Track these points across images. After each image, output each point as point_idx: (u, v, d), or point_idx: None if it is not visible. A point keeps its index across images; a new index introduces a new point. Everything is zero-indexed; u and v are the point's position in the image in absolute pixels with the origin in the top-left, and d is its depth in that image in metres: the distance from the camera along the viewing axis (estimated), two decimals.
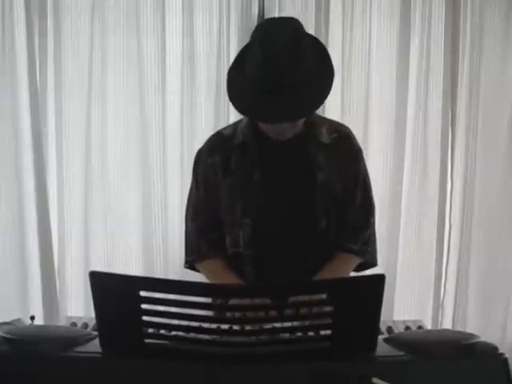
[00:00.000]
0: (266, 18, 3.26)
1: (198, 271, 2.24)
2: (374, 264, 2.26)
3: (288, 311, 1.66)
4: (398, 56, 3.33)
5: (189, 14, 3.27)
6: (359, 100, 3.34)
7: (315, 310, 1.66)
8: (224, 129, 2.24)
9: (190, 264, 2.24)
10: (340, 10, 3.31)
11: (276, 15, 3.26)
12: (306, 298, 1.69)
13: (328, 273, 2.07)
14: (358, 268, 2.23)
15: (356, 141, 2.20)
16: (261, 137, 2.09)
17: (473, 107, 3.37)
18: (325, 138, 2.12)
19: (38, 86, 3.24)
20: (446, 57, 3.33)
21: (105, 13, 3.24)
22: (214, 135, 2.22)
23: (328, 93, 1.96)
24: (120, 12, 3.26)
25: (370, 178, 2.23)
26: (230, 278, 2.10)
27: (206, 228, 2.17)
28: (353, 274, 2.24)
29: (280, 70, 1.87)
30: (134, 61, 3.27)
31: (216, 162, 2.12)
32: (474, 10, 3.33)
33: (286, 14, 3.24)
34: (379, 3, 3.32)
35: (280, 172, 2.10)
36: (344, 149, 2.14)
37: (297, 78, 1.89)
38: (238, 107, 1.97)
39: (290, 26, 1.94)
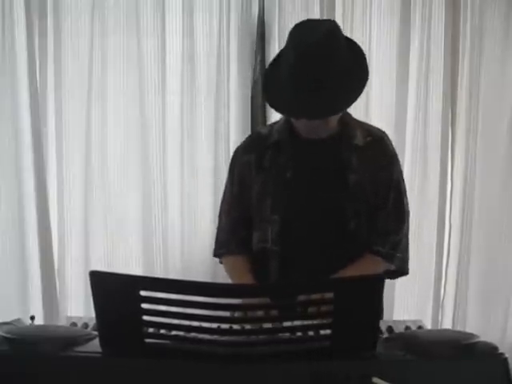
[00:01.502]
0: (265, 18, 3.27)
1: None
2: (404, 272, 2.26)
3: (288, 311, 1.66)
4: (397, 57, 3.33)
5: (189, 14, 3.27)
6: (359, 101, 3.29)
7: (315, 309, 1.66)
8: (262, 128, 2.33)
9: (218, 256, 2.29)
10: (340, 10, 3.31)
11: (276, 15, 3.27)
12: (306, 297, 1.69)
13: (350, 272, 2.06)
14: (390, 275, 2.22)
15: (391, 145, 2.20)
16: (295, 136, 2.11)
17: (473, 109, 3.37)
18: (359, 140, 2.13)
19: (38, 86, 3.25)
20: (445, 58, 3.33)
21: (105, 13, 3.25)
22: (251, 134, 2.31)
23: (360, 92, 1.98)
24: (120, 12, 3.26)
25: None
26: (248, 279, 2.11)
27: (237, 225, 2.20)
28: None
29: (314, 65, 1.90)
30: (133, 61, 3.28)
31: (251, 160, 2.16)
32: (473, 11, 3.33)
33: (286, 14, 3.26)
34: (379, 4, 3.32)
35: (312, 171, 2.11)
36: (378, 152, 2.14)
37: (330, 73, 1.92)
38: (274, 105, 2.03)
39: (325, 26, 1.98)
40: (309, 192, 2.10)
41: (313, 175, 2.11)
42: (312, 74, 1.91)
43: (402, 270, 2.25)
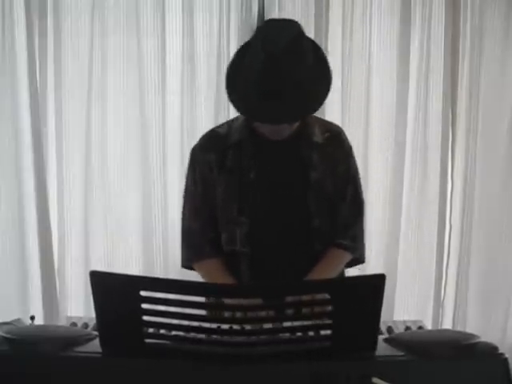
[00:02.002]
0: (266, 18, 3.27)
1: (193, 270, 2.23)
2: (362, 260, 2.29)
3: (288, 311, 1.66)
4: (398, 57, 3.33)
5: (189, 14, 3.27)
6: (359, 101, 3.34)
7: (315, 309, 1.66)
8: (218, 127, 2.25)
9: (189, 263, 2.23)
10: (340, 10, 3.31)
11: (276, 15, 3.26)
12: (306, 297, 1.70)
13: (321, 269, 2.10)
14: (348, 264, 2.26)
15: (347, 140, 2.24)
16: (256, 136, 2.11)
17: (473, 109, 3.37)
18: (318, 137, 2.15)
19: (38, 86, 3.24)
20: (445, 58, 3.33)
21: (105, 13, 3.24)
22: (208, 133, 2.23)
23: (327, 94, 1.99)
24: (120, 12, 3.26)
25: (371, 177, 2.24)
26: (227, 280, 2.10)
27: (207, 227, 2.17)
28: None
29: (282, 71, 1.88)
30: (134, 61, 3.27)
31: (211, 160, 2.14)
32: (474, 11, 3.33)
33: (285, 14, 3.24)
34: (379, 4, 3.32)
35: (275, 171, 2.12)
36: (336, 148, 2.18)
37: (298, 79, 1.91)
38: (239, 108, 1.99)
39: (292, 27, 1.97)
40: (273, 192, 2.11)
41: (276, 175, 2.12)
42: (280, 80, 1.89)
43: (360, 259, 2.28)
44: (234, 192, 2.11)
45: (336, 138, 2.19)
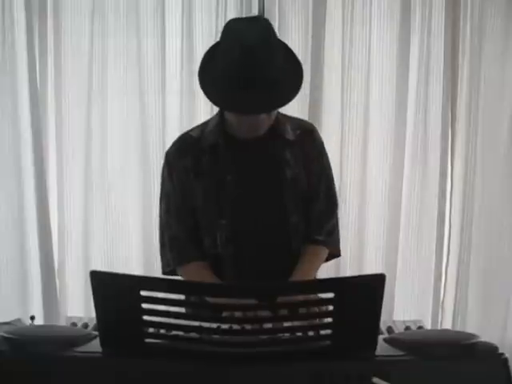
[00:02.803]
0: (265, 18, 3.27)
1: (175, 275, 2.23)
2: (338, 254, 2.33)
3: (288, 311, 1.66)
4: (397, 57, 3.32)
5: (188, 15, 3.27)
6: (359, 100, 3.33)
7: (315, 309, 1.66)
8: (190, 131, 2.25)
9: (174, 267, 2.22)
10: (340, 10, 3.31)
11: (276, 15, 3.26)
12: (306, 297, 1.70)
13: (304, 268, 2.13)
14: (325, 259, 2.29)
15: (319, 136, 2.27)
16: (230, 138, 2.12)
17: (473, 109, 3.37)
18: (290, 134, 2.17)
19: (38, 85, 3.24)
20: (445, 57, 3.32)
21: (105, 13, 3.24)
22: (181, 137, 2.23)
23: (299, 87, 2.01)
24: (120, 12, 3.25)
25: (371, 177, 2.25)
26: (214, 281, 2.11)
27: (190, 230, 2.18)
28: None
29: (258, 60, 1.91)
30: (133, 61, 3.27)
31: (188, 164, 2.14)
32: (473, 11, 3.32)
33: (286, 14, 3.25)
34: (379, 4, 3.32)
35: (251, 171, 2.14)
36: (308, 144, 2.20)
37: (271, 72, 1.94)
38: (212, 99, 2.02)
39: (261, 23, 2.02)
40: (251, 192, 2.12)
41: (252, 175, 2.14)
42: (256, 69, 1.91)
43: (337, 254, 2.33)
44: (212, 195, 2.12)
45: (307, 135, 2.22)
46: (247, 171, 2.13)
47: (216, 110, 2.27)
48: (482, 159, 3.39)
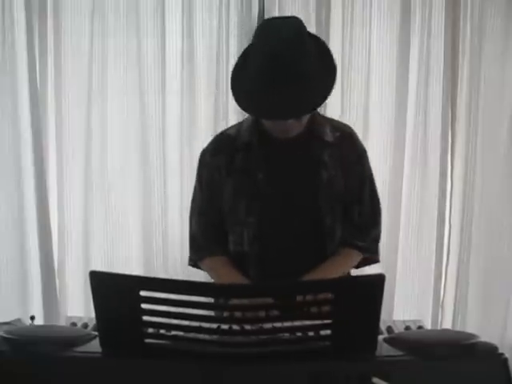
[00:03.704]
0: (266, 17, 3.27)
1: (200, 269, 2.26)
2: (378, 260, 2.30)
3: (288, 311, 1.66)
4: (397, 57, 3.33)
5: (189, 14, 3.27)
6: (359, 100, 3.34)
7: (315, 309, 1.66)
8: (228, 129, 2.26)
9: (195, 262, 2.26)
10: (340, 10, 3.31)
11: (276, 15, 3.26)
12: (306, 297, 1.69)
13: (330, 266, 2.09)
14: (362, 263, 2.26)
15: (359, 141, 2.23)
16: (265, 136, 2.10)
17: (473, 109, 3.37)
18: (328, 136, 2.14)
19: (38, 85, 3.24)
20: (445, 58, 3.33)
21: (105, 13, 3.24)
22: (218, 135, 2.24)
23: (331, 90, 1.97)
24: (120, 12, 3.25)
25: None
26: (234, 276, 2.10)
27: (212, 228, 2.18)
28: (355, 269, 2.28)
29: (284, 64, 1.89)
30: (133, 61, 3.27)
31: (220, 162, 2.14)
32: (473, 11, 3.32)
33: (285, 14, 3.24)
34: (379, 4, 3.32)
35: (284, 171, 2.12)
36: (348, 148, 2.16)
37: (300, 73, 1.91)
38: (241, 105, 1.99)
39: (293, 23, 1.98)
40: (283, 192, 2.10)
41: (286, 174, 2.12)
42: (283, 72, 1.89)
43: (377, 259, 2.30)
44: (242, 193, 2.11)
45: (347, 139, 2.18)
46: (279, 170, 2.11)
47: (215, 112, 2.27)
48: (482, 159, 3.39)
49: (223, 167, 2.13)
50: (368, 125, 3.34)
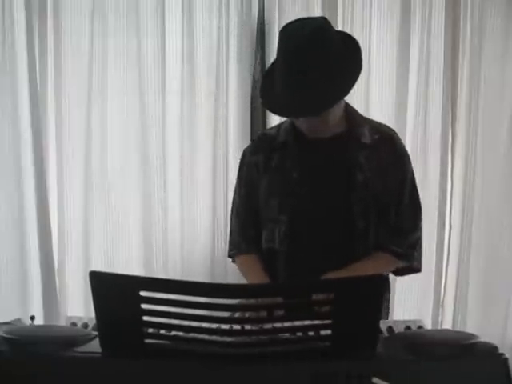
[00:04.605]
0: (266, 18, 3.28)
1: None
2: (419, 269, 2.22)
3: (288, 311, 1.66)
4: (397, 57, 3.33)
5: (189, 14, 3.27)
6: (359, 100, 3.32)
7: (315, 309, 1.66)
8: (270, 129, 2.33)
9: (230, 257, 2.32)
10: (340, 10, 3.31)
11: (276, 15, 3.27)
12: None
13: (357, 267, 2.04)
14: (402, 272, 2.22)
15: (401, 144, 2.19)
16: (301, 136, 2.12)
17: (473, 108, 3.37)
18: (366, 138, 2.12)
19: (38, 86, 3.24)
20: (445, 58, 3.33)
21: (105, 13, 3.24)
22: (259, 135, 2.33)
23: (352, 86, 1.98)
24: (120, 12, 3.26)
25: None
26: (261, 276, 2.12)
27: (245, 226, 2.22)
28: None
29: (296, 64, 1.91)
30: (133, 61, 3.27)
31: (259, 161, 2.18)
32: (473, 11, 3.33)
33: (286, 14, 3.26)
34: (379, 4, 3.32)
35: (318, 171, 2.12)
36: (386, 150, 2.12)
37: (315, 71, 1.92)
38: (266, 105, 2.09)
39: (316, 21, 2.01)
40: (316, 192, 2.10)
41: (320, 175, 2.11)
42: (298, 70, 1.91)
43: (416, 267, 2.20)
44: (276, 190, 2.13)
45: (387, 141, 2.14)
46: (313, 170, 2.11)
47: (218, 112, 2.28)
48: (482, 159, 3.39)
49: (261, 165, 2.17)
50: None
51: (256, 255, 2.20)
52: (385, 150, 2.12)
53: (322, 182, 2.11)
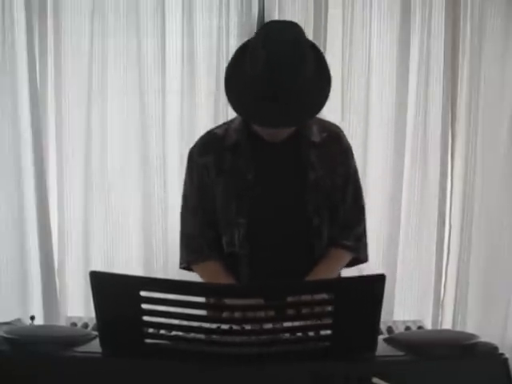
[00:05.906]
0: (266, 18, 3.27)
1: (192, 271, 2.23)
2: (366, 259, 2.27)
3: (288, 311, 1.66)
4: (397, 57, 3.33)
5: (189, 14, 3.27)
6: (359, 101, 3.34)
7: (315, 309, 1.66)
8: (216, 128, 2.24)
9: (188, 264, 2.23)
10: (340, 10, 3.31)
11: (276, 15, 3.26)
12: (306, 297, 1.69)
13: (322, 270, 2.10)
14: (350, 263, 2.25)
15: (346, 140, 2.23)
16: (254, 137, 2.10)
17: (473, 108, 3.37)
18: (316, 136, 2.14)
19: (38, 86, 3.24)
20: (446, 58, 3.33)
21: (105, 13, 3.24)
22: (205, 135, 2.22)
23: (327, 98, 1.98)
24: (120, 12, 3.26)
25: (371, 177, 2.24)
26: (228, 281, 2.09)
27: (206, 229, 2.17)
28: (345, 269, 2.26)
29: (283, 74, 1.88)
30: (133, 61, 3.27)
31: (209, 162, 2.13)
32: (473, 10, 3.33)
33: (285, 14, 3.25)
34: (379, 4, 3.32)
35: (273, 171, 2.12)
36: (334, 148, 2.17)
37: (299, 82, 1.91)
38: (238, 110, 1.99)
39: (293, 29, 1.97)
40: (271, 192, 2.11)
41: (274, 175, 2.12)
42: (280, 83, 1.89)
43: (363, 258, 2.26)
44: (232, 193, 2.11)
45: (334, 138, 2.18)
46: (268, 171, 2.11)
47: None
48: (482, 159, 3.39)
49: (212, 167, 2.13)
50: (368, 125, 3.34)
51: (220, 260, 2.15)
52: (332, 147, 2.16)
53: (276, 182, 2.11)
